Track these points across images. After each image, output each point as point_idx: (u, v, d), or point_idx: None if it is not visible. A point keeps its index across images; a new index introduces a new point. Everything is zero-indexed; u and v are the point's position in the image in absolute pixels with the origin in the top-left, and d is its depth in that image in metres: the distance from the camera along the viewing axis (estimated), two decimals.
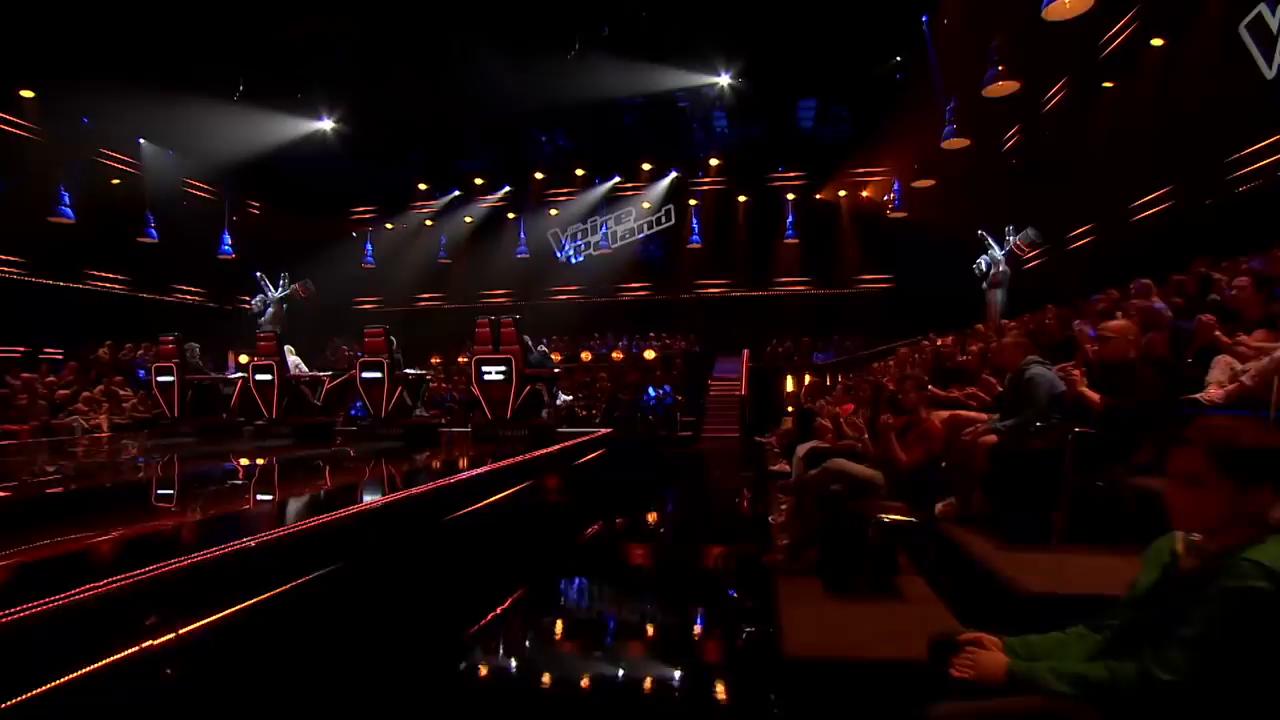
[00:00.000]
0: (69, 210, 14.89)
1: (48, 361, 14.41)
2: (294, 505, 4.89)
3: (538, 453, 7.48)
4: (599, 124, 17.63)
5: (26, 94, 14.54)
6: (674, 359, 17.66)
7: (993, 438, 4.12)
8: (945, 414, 4.67)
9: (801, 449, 6.32)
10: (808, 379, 15.07)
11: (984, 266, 15.35)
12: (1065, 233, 14.36)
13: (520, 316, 9.12)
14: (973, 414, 4.71)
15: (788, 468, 7.44)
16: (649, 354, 17.80)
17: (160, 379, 10.45)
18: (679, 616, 4.52)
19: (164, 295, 18.22)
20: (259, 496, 5.30)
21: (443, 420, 15.14)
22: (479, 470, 6.25)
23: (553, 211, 20.87)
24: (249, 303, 18.32)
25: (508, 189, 20.40)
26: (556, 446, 8.18)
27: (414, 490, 5.04)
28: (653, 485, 9.87)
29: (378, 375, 9.41)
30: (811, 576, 4.13)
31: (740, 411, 15.58)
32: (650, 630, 4.29)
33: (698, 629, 4.29)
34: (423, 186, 20.40)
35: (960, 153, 14.73)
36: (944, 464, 4.40)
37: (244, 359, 16.27)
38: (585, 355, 18.12)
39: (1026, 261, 15.25)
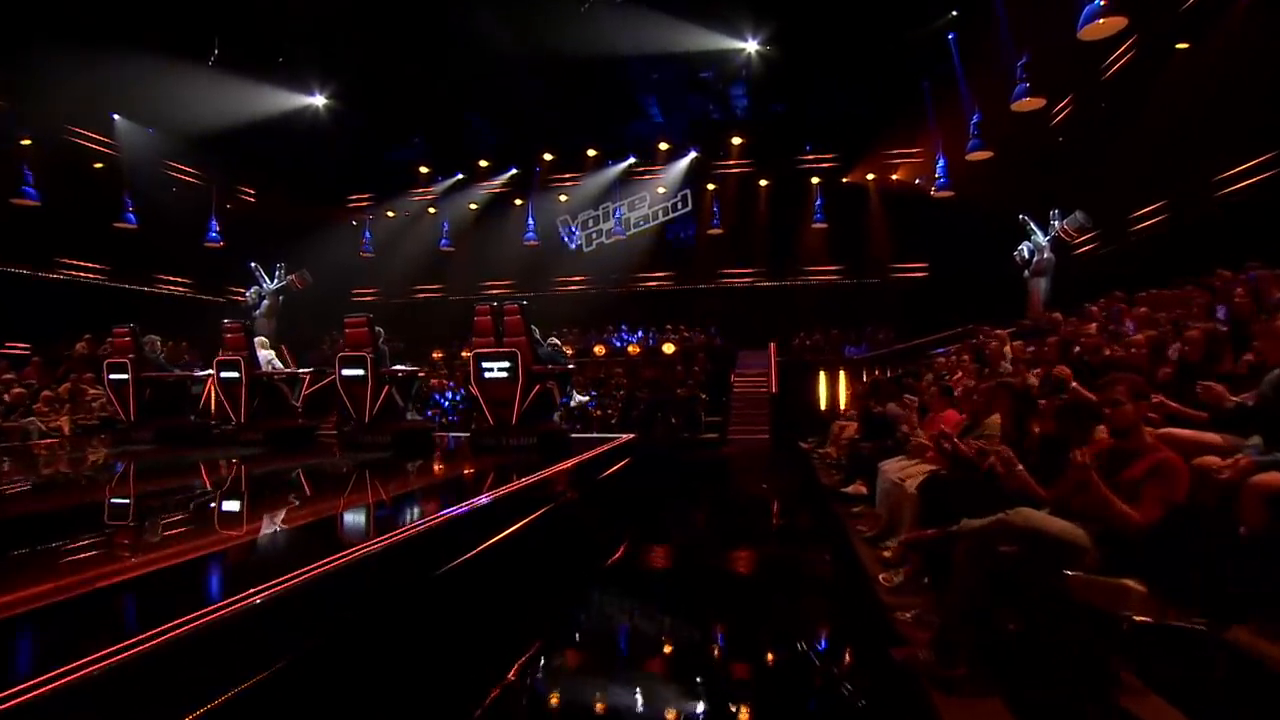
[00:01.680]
0: (33, 191, 13.38)
1: (8, 357, 12.96)
2: (200, 572, 3.33)
3: (550, 471, 5.91)
4: (614, 99, 16.00)
5: None
6: (694, 353, 16.06)
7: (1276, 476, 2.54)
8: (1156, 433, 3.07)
9: (893, 470, 4.73)
10: (863, 375, 13.45)
11: (1026, 253, 13.83)
12: (1128, 213, 12.76)
13: (527, 303, 7.54)
14: (1198, 435, 3.11)
15: (863, 489, 5.85)
16: (668, 347, 16.21)
17: (113, 377, 8.93)
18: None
19: (147, 286, 16.73)
20: (143, 551, 3.73)
21: (453, 419, 13.68)
22: (475, 503, 4.69)
23: (562, 198, 19.28)
24: (243, 295, 16.91)
25: (514, 171, 18.78)
26: (573, 460, 6.62)
27: (388, 539, 3.49)
28: (684, 497, 8.30)
29: (360, 373, 7.87)
30: (992, 697, 2.56)
31: (770, 410, 13.97)
32: None
33: None
34: (424, 170, 18.79)
35: (1011, 126, 13.11)
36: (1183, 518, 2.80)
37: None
38: (599, 349, 16.54)
39: (1075, 247, 13.70)
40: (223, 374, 8.37)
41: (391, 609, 3.30)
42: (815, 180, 18.10)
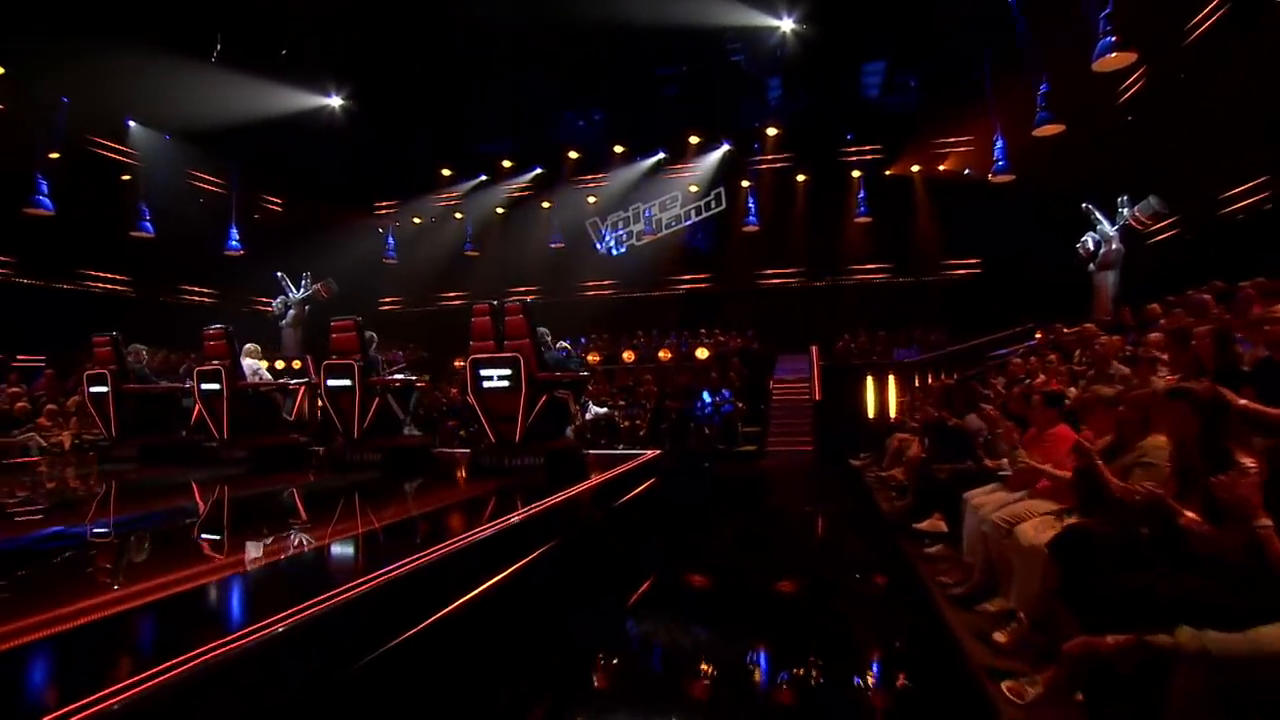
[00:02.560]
0: (46, 200, 12.82)
1: (20, 370, 12.40)
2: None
3: (556, 499, 4.77)
4: (641, 91, 14.89)
5: None
6: (730, 358, 14.78)
7: None
8: None
9: (987, 505, 3.46)
10: (914, 380, 12.09)
11: (1091, 245, 12.26)
12: (1216, 194, 11.19)
13: (531, 300, 6.42)
14: None
15: (941, 525, 4.55)
16: (701, 353, 14.98)
17: (93, 390, 8.08)
18: None
19: (170, 297, 16.20)
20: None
21: (461, 433, 12.66)
22: (459, 543, 3.59)
23: (591, 199, 18.23)
24: (269, 305, 16.27)
25: (538, 171, 17.76)
26: (586, 485, 5.47)
27: (352, 591, 2.41)
28: (718, 522, 7.07)
29: (346, 383, 6.84)
30: None
31: (813, 419, 12.63)
32: None
33: None
34: (446, 172, 17.91)
35: (1081, 101, 11.61)
36: None
37: (280, 364, 14.11)
38: (628, 355, 15.39)
39: (1149, 236, 12.12)
40: (203, 386, 7.44)
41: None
42: (856, 174, 16.73)
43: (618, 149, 16.88)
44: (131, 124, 14.17)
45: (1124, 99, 12.25)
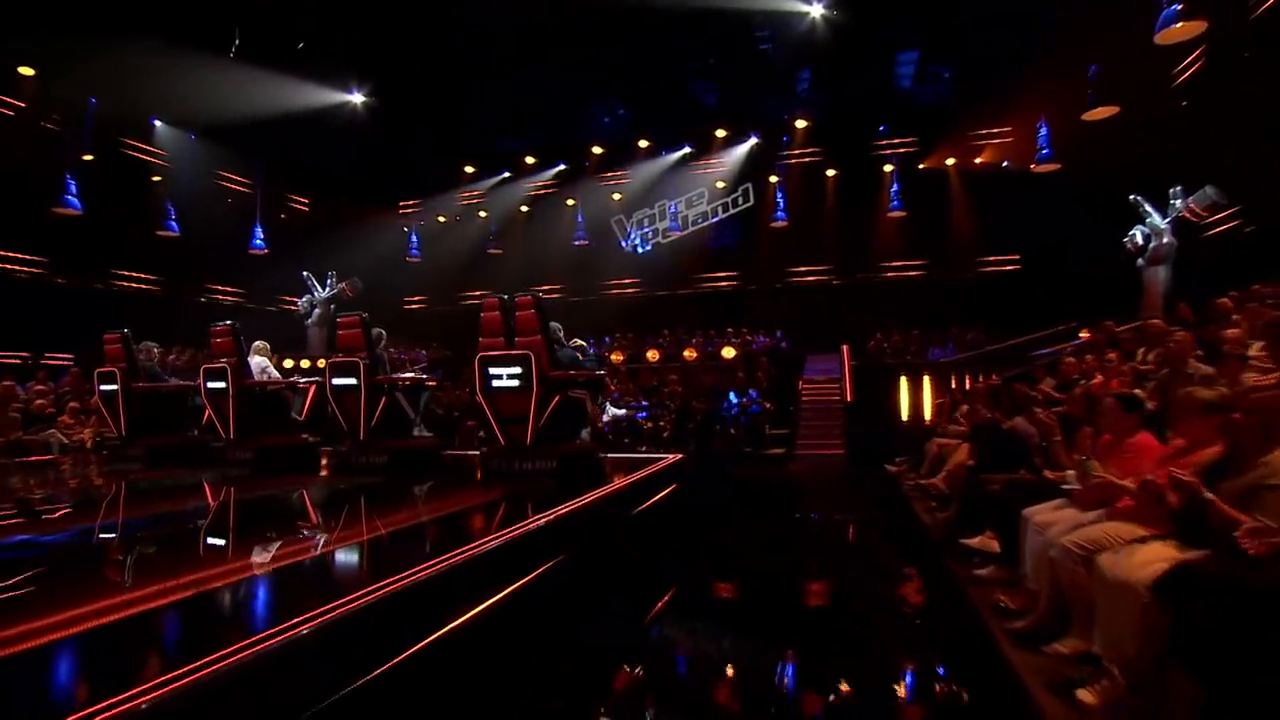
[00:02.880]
0: (75, 201, 12.79)
1: (47, 368, 12.36)
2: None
3: (566, 508, 4.32)
4: (665, 82, 14.40)
5: (26, 71, 12.49)
6: (758, 357, 14.22)
7: None
8: None
9: (1056, 526, 2.92)
10: (950, 381, 11.40)
11: (1140, 239, 11.45)
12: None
13: (555, 299, 5.98)
14: None
15: (994, 544, 4.00)
16: (728, 352, 14.43)
17: (104, 388, 7.85)
18: None
19: (198, 296, 16.15)
20: None
21: (480, 434, 12.30)
22: (458, 557, 3.16)
23: (615, 196, 17.79)
24: (295, 304, 16.17)
25: (562, 167, 17.38)
26: (601, 492, 5.01)
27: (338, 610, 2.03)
28: (744, 530, 6.55)
29: (351, 382, 6.47)
30: None
31: (843, 421, 12.02)
32: None
33: None
34: (469, 169, 17.62)
35: (1133, 83, 10.83)
36: None
37: (288, 363, 13.94)
38: (652, 354, 14.90)
39: (1204, 229, 11.30)
40: (209, 384, 7.14)
41: None
42: (888, 168, 16.05)
43: (642, 144, 16.41)
44: (157, 123, 14.10)
45: (1180, 82, 11.43)
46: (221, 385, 7.07)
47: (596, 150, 16.77)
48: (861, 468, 10.35)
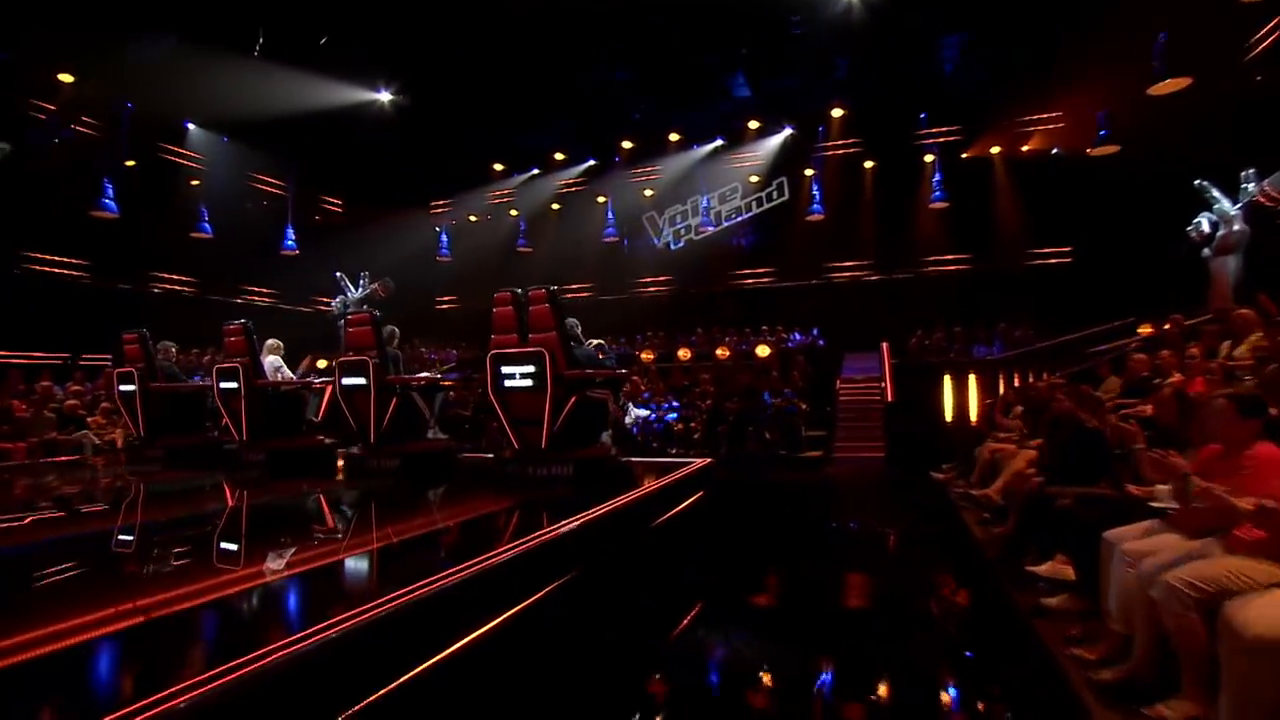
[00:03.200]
0: (112, 204, 12.85)
1: (85, 369, 12.44)
2: None
3: (580, 519, 3.88)
4: (697, 72, 13.86)
5: (65, 77, 12.56)
6: (793, 356, 13.61)
7: None
8: None
9: (1152, 556, 2.35)
10: (998, 379, 10.69)
11: (1206, 227, 10.51)
12: None
13: (557, 288, 5.54)
14: None
15: (1068, 571, 3.42)
16: (762, 350, 13.84)
17: (123, 388, 7.69)
18: None
19: (234, 297, 16.19)
20: None
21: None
22: (451, 578, 2.76)
23: (648, 192, 17.33)
24: (328, 305, 16.11)
25: (592, 163, 16.97)
26: (619, 502, 4.55)
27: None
28: (776, 542, 6.01)
29: (361, 382, 6.13)
30: None
31: (884, 423, 11.35)
32: None
33: None
34: (498, 166, 17.34)
35: (1203, 55, 9.92)
36: None
37: (322, 364, 13.85)
38: (683, 353, 14.39)
39: None
40: (222, 384, 6.89)
41: None
42: (930, 158, 15.25)
43: (673, 137, 15.88)
44: (190, 126, 14.10)
45: (1256, 53, 10.46)
46: (234, 385, 6.82)
47: (626, 145, 16.31)
48: (903, 471, 9.70)
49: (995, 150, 14.95)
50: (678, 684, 3.16)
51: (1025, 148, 14.61)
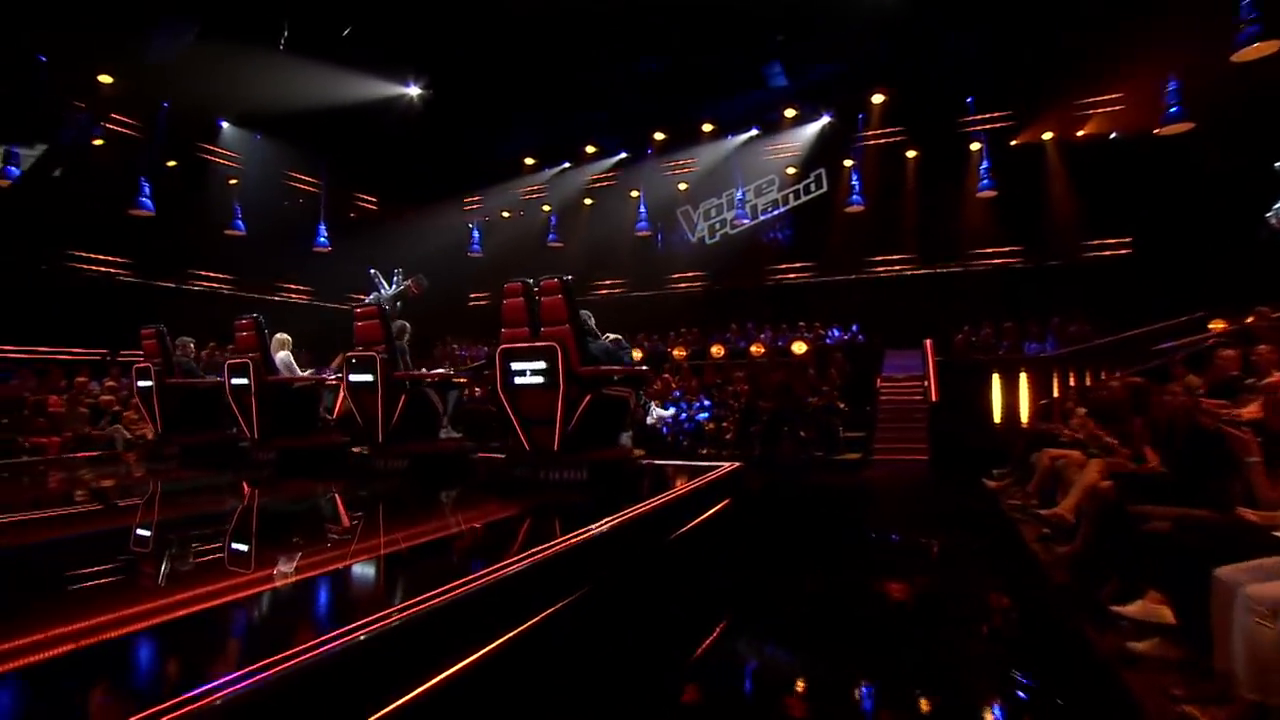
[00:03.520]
0: (148, 202, 12.88)
1: (122, 365, 12.49)
2: None
3: (584, 534, 3.43)
4: (731, 59, 13.27)
5: (104, 79, 12.61)
6: (831, 353, 12.95)
7: None
8: None
9: None
10: (1052, 378, 9.93)
11: None
12: None
13: (570, 278, 5.08)
14: None
15: (1163, 610, 2.82)
16: (798, 347, 13.21)
17: (141, 384, 7.52)
18: None
19: (269, 294, 16.21)
20: None
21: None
22: (441, 597, 2.34)
23: (681, 186, 16.82)
24: (364, 301, 16.05)
25: (623, 155, 16.50)
26: (633, 511, 4.08)
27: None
28: (810, 553, 5.46)
29: (368, 378, 5.78)
30: None
31: (928, 423, 10.65)
32: None
33: None
34: (529, 161, 17.01)
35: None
36: None
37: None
38: (716, 350, 13.84)
39: None
40: (233, 380, 6.64)
41: None
42: (976, 146, 14.37)
43: (707, 127, 15.30)
44: (224, 124, 14.09)
45: None
46: (244, 382, 6.55)
47: (659, 136, 15.78)
48: (948, 476, 9.03)
49: (1048, 136, 14.02)
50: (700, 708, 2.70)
51: (1081, 132, 13.64)
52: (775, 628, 3.83)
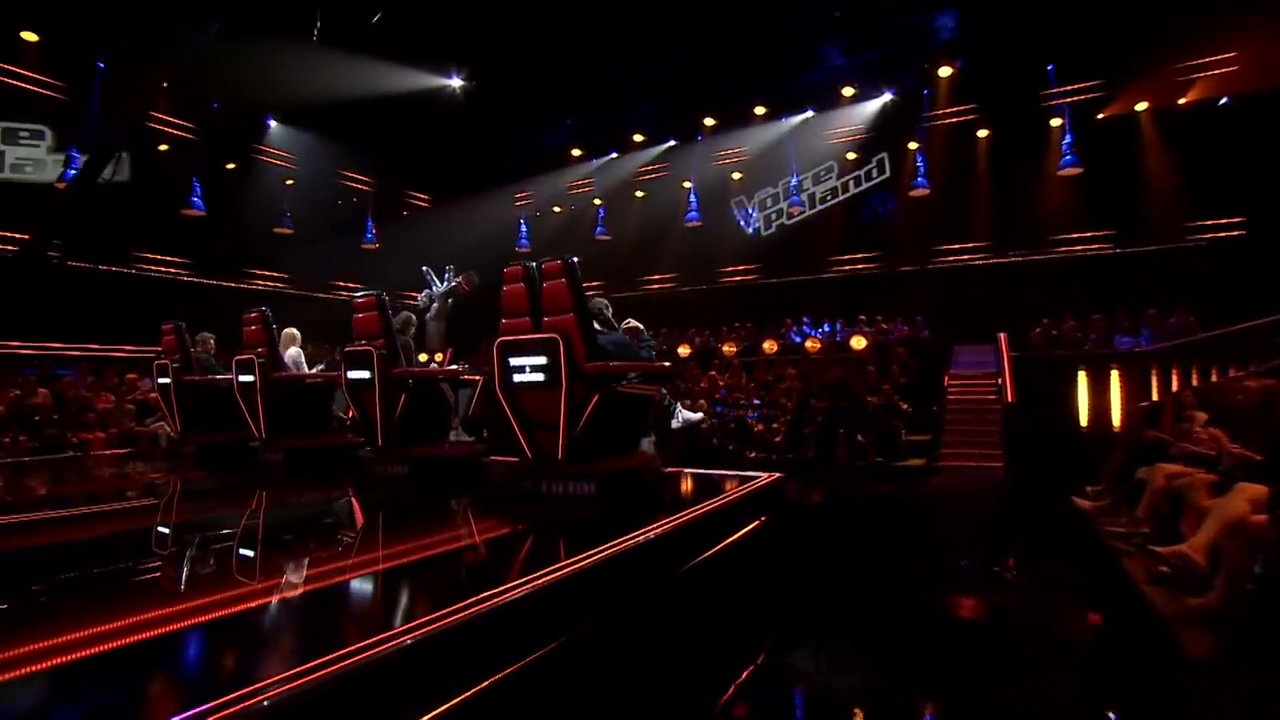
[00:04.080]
0: (199, 201, 12.93)
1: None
2: None
3: (574, 565, 2.72)
4: (783, 37, 12.28)
5: (157, 81, 12.69)
6: (893, 348, 11.83)
7: None
8: None
9: None
10: (1150, 376, 8.62)
11: None
12: None
13: (576, 259, 4.35)
14: None
15: None
16: (857, 342, 12.11)
17: (161, 381, 7.24)
18: None
19: (322, 292, 16.20)
20: None
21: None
22: (405, 638, 1.68)
23: (735, 175, 15.92)
24: (415, 299, 15.88)
25: (672, 143, 15.69)
26: (652, 531, 3.34)
27: None
28: (862, 577, 4.57)
29: (365, 375, 5.22)
30: None
31: (1003, 427, 9.45)
32: None
33: None
34: (575, 152, 16.39)
35: None
36: None
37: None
38: (768, 345, 12.88)
39: None
40: (240, 378, 6.22)
41: None
42: (1057, 122, 12.90)
43: (759, 110, 14.31)
44: (272, 123, 14.03)
45: None
46: (250, 379, 6.12)
47: (709, 121, 14.87)
48: (1027, 487, 7.88)
49: (1142, 107, 12.45)
50: None
51: (1183, 100, 12.01)
52: (808, 670, 3.01)
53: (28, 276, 11.34)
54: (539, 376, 4.23)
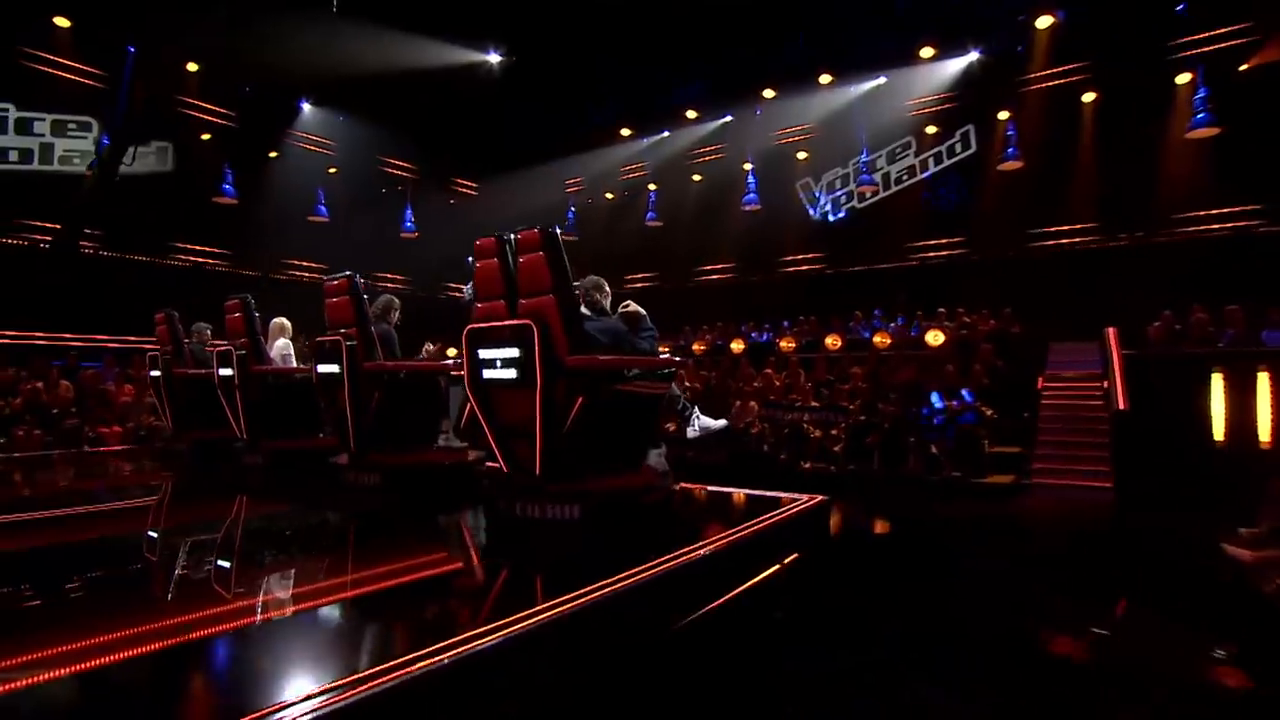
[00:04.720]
0: (230, 189, 12.90)
1: None
2: None
3: (539, 615, 2.00)
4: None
5: (191, 66, 12.72)
6: (976, 345, 10.58)
7: None
8: None
9: None
10: None
11: None
12: None
13: (557, 229, 3.62)
14: None
15: None
16: (934, 337, 10.91)
17: (153, 374, 6.95)
18: None
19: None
20: None
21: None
22: None
23: (800, 154, 14.88)
24: (461, 290, 15.64)
25: (728, 119, 14.75)
26: (648, 572, 2.59)
27: None
28: (916, 644, 3.64)
29: (334, 370, 4.64)
30: None
31: (1112, 439, 8.14)
32: None
33: None
34: (625, 132, 15.64)
35: None
36: None
37: (429, 348, 13.25)
38: (831, 341, 11.81)
39: None
40: (220, 371, 5.78)
41: None
42: (1185, 78, 11.28)
43: (824, 79, 13.16)
44: (305, 106, 13.89)
45: None
46: (228, 373, 5.68)
47: (768, 94, 13.82)
48: (1145, 514, 6.65)
49: None
50: None
51: None
52: None
53: (62, 267, 11.50)
54: (510, 373, 3.51)
